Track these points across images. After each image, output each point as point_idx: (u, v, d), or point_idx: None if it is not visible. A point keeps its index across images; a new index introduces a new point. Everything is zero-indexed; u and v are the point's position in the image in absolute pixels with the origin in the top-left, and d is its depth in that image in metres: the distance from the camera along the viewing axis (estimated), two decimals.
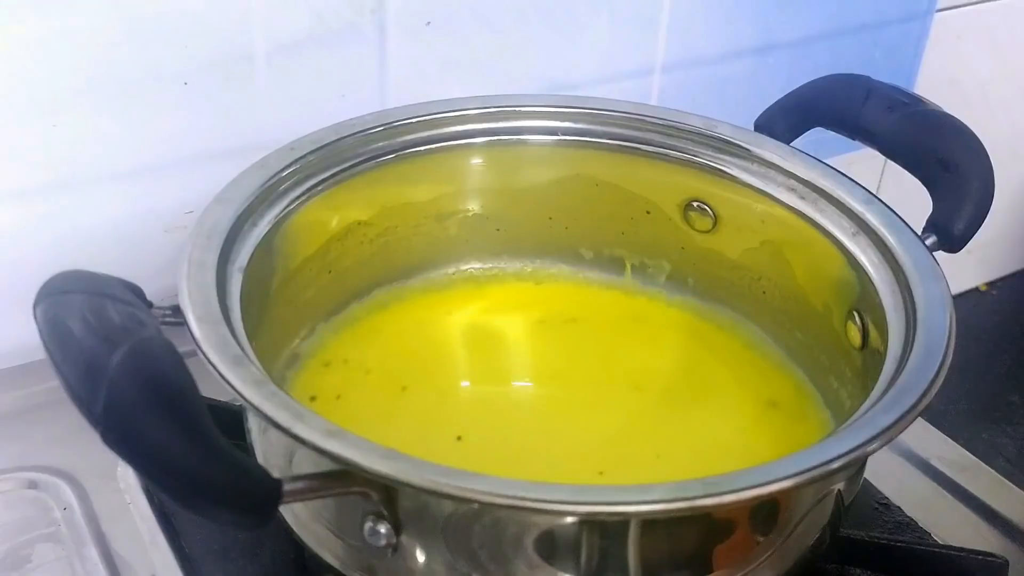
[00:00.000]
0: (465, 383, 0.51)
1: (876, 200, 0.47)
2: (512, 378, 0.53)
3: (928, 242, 0.45)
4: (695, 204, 0.53)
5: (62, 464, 0.50)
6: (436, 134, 0.52)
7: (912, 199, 0.48)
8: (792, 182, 0.50)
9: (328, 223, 0.50)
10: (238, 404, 0.41)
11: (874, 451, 0.36)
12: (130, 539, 0.46)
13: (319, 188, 0.48)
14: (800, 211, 0.49)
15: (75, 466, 0.50)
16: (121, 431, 0.31)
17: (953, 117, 0.49)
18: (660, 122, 0.52)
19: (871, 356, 0.44)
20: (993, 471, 0.53)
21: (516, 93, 0.56)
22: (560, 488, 0.33)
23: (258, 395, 0.35)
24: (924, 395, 0.37)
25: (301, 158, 0.48)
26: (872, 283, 0.45)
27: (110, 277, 0.37)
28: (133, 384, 0.31)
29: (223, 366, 0.36)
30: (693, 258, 0.55)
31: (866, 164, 0.59)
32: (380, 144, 0.51)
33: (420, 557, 0.37)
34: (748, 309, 0.54)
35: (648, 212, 0.55)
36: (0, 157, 0.51)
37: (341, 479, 0.35)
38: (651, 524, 0.36)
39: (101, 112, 0.52)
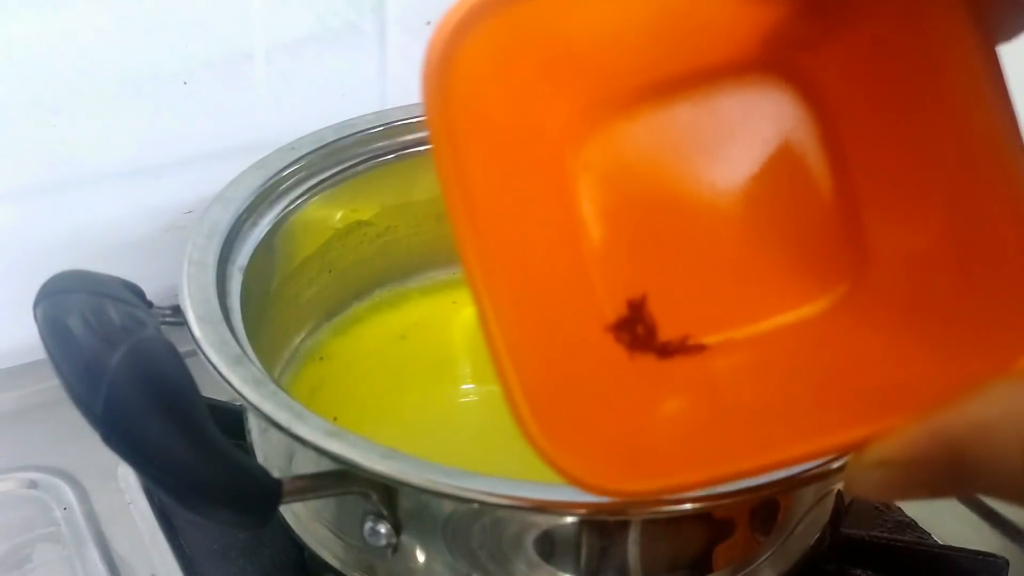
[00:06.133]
0: (466, 383, 0.51)
1: None
2: None
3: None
4: None
5: (62, 464, 0.50)
6: None
7: None
8: None
9: (328, 223, 0.50)
10: (238, 404, 0.41)
11: None
12: (130, 539, 0.46)
13: (319, 188, 0.49)
14: None
15: (75, 466, 0.50)
16: (121, 431, 0.31)
17: None
18: None
19: None
20: None
21: None
22: (560, 488, 0.33)
23: (258, 395, 0.35)
24: None
25: (301, 158, 0.48)
26: None
27: (110, 277, 0.37)
28: (133, 384, 0.31)
29: (223, 366, 0.36)
30: None
31: None
32: (380, 144, 0.51)
33: (420, 557, 0.37)
34: None
35: None
36: (0, 157, 0.51)
37: (341, 479, 0.35)
38: (651, 524, 0.36)
39: (101, 112, 0.52)
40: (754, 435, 0.27)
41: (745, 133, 0.30)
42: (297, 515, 0.41)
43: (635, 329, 0.29)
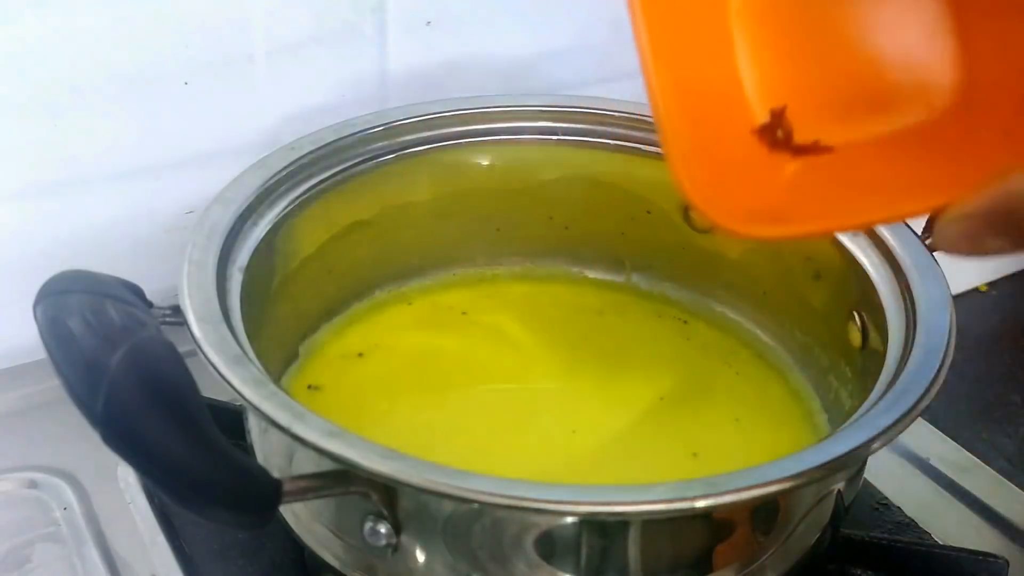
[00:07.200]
0: (465, 383, 0.51)
1: None
2: (512, 378, 0.53)
3: (928, 242, 0.45)
4: None
5: (62, 464, 0.50)
6: (436, 134, 0.52)
7: None
8: None
9: (328, 223, 0.50)
10: (238, 404, 0.41)
11: (874, 451, 0.36)
12: (130, 539, 0.46)
13: (319, 188, 0.49)
14: None
15: (75, 466, 0.50)
16: (121, 431, 0.31)
17: None
18: None
19: (871, 356, 0.44)
20: (993, 471, 0.53)
21: (516, 93, 0.56)
22: (560, 488, 0.33)
23: (258, 395, 0.35)
24: (924, 395, 0.37)
25: (301, 158, 0.48)
26: (872, 283, 0.45)
27: (110, 277, 0.37)
28: (133, 384, 0.31)
29: (223, 366, 0.36)
30: (693, 258, 0.55)
31: None
32: (380, 144, 0.51)
33: (420, 557, 0.37)
34: (748, 309, 0.54)
35: (648, 212, 0.55)
36: (0, 157, 0.51)
37: (341, 479, 0.35)
38: (651, 524, 0.36)
39: (101, 112, 0.52)
40: (865, 202, 0.34)
41: None
42: (297, 515, 0.41)
43: (775, 133, 0.37)
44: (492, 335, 0.54)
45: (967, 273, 0.99)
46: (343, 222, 0.51)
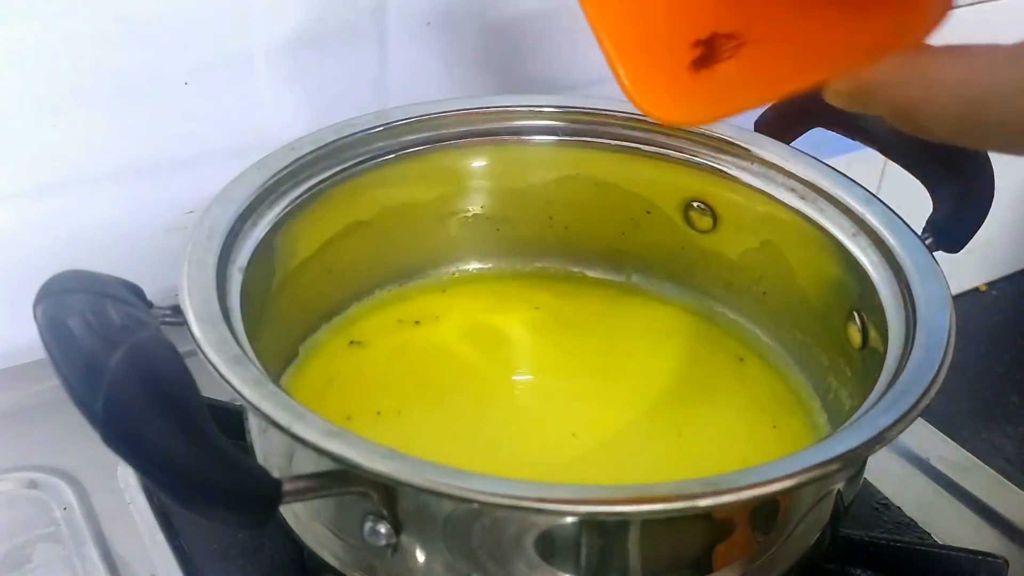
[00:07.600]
0: (465, 383, 0.51)
1: (876, 200, 0.47)
2: (511, 378, 0.53)
3: (928, 242, 0.45)
4: (695, 204, 0.53)
5: (62, 464, 0.50)
6: (436, 134, 0.52)
7: (912, 199, 0.48)
8: (792, 182, 0.50)
9: (328, 223, 0.50)
10: (238, 404, 0.41)
11: (874, 452, 0.36)
12: (130, 539, 0.46)
13: (319, 188, 0.49)
14: (800, 211, 0.49)
15: (75, 466, 0.50)
16: (121, 431, 0.31)
17: None
18: None
19: (871, 356, 0.44)
20: (993, 471, 0.53)
21: (516, 93, 0.56)
22: (560, 488, 0.33)
23: (258, 395, 0.35)
24: (924, 395, 0.37)
25: (301, 158, 0.48)
26: (872, 283, 0.45)
27: (110, 277, 0.37)
28: (133, 384, 0.31)
29: (223, 366, 0.36)
30: (693, 258, 0.55)
31: (866, 164, 0.59)
32: (380, 144, 0.51)
33: (420, 557, 0.37)
34: (748, 309, 0.54)
35: (648, 212, 0.55)
36: (0, 157, 0.51)
37: (341, 479, 0.35)
38: (651, 524, 0.36)
39: (101, 112, 0.52)
40: (767, 84, 0.39)
41: None
42: (297, 515, 0.41)
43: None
44: (492, 335, 0.54)
45: (967, 273, 0.99)
46: (343, 222, 0.51)
